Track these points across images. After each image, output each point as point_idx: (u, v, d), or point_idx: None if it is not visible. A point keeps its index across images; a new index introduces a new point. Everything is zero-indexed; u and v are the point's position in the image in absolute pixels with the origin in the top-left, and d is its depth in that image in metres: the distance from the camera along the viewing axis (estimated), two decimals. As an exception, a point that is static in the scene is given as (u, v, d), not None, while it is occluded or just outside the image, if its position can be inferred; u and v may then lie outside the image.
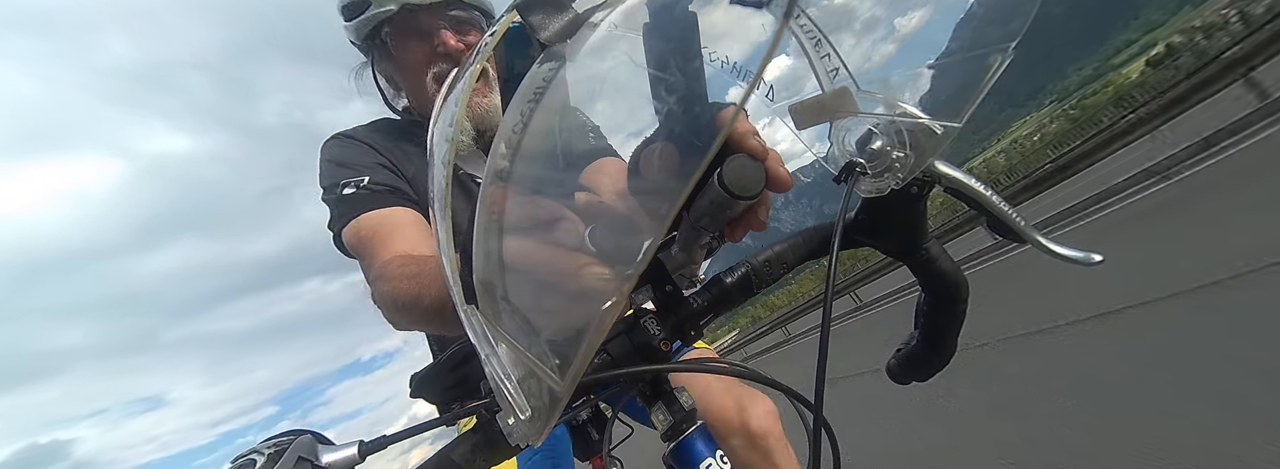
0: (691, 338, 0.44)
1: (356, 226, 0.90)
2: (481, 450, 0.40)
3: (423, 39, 1.00)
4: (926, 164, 0.41)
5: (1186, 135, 5.72)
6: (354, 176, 0.94)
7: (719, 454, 0.46)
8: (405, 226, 0.89)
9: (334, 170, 0.97)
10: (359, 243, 0.89)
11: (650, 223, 0.28)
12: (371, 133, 1.06)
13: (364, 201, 0.91)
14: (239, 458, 0.38)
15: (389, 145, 1.03)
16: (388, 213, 0.91)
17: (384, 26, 1.00)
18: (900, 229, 0.49)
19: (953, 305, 0.53)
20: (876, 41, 0.99)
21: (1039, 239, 0.45)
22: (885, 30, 0.44)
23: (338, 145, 1.03)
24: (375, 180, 0.94)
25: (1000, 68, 0.37)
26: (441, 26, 0.98)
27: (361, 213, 0.90)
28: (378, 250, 0.85)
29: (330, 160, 1.00)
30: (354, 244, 0.90)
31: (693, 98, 0.31)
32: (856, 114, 0.40)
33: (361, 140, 1.03)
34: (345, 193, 0.92)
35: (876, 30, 0.43)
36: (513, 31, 0.35)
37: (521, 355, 0.28)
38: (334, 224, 0.94)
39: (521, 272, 0.30)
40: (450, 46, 0.98)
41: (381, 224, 0.89)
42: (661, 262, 0.42)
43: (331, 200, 0.95)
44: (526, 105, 0.30)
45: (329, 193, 0.96)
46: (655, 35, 0.32)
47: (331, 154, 1.01)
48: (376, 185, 0.94)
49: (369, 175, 0.94)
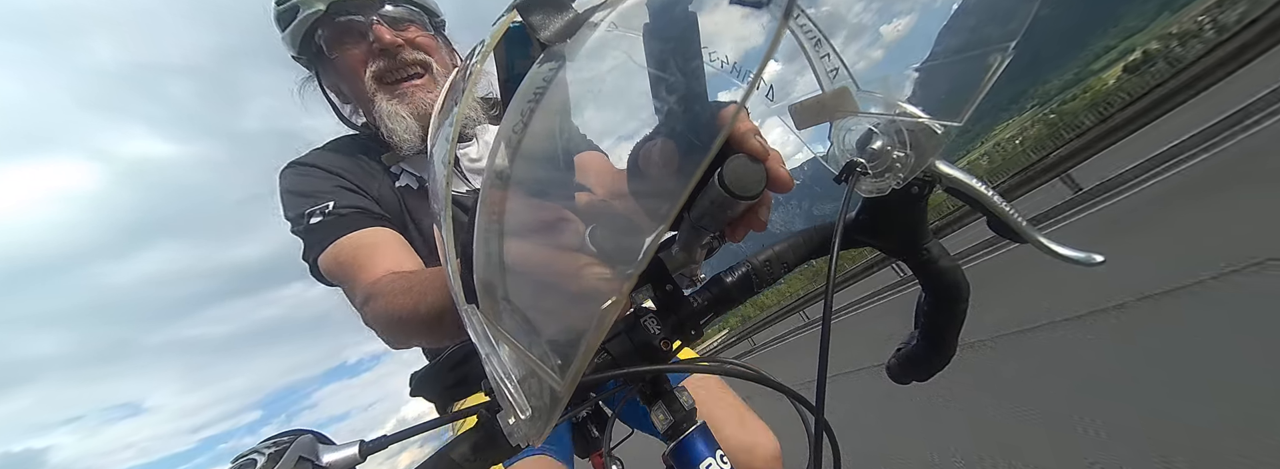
0: (692, 337, 0.45)
1: (334, 253, 0.87)
2: (482, 450, 0.39)
3: (357, 37, 0.98)
4: (927, 163, 0.41)
5: (1159, 142, 5.78)
6: (317, 204, 0.91)
7: (719, 454, 0.46)
8: (383, 245, 0.88)
9: (295, 201, 0.94)
10: (338, 268, 0.87)
11: (651, 222, 0.28)
12: (327, 155, 1.03)
13: (334, 227, 0.89)
14: (239, 458, 0.38)
15: (348, 166, 1.00)
16: (362, 235, 0.89)
17: (317, 29, 0.98)
18: (901, 229, 0.49)
19: (953, 305, 0.53)
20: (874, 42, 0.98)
21: (1039, 239, 0.45)
22: (877, 34, 0.44)
23: (294, 174, 1.00)
24: (341, 204, 0.92)
25: (1000, 67, 0.37)
26: (374, 21, 0.96)
27: (335, 239, 0.88)
28: (360, 273, 0.83)
29: (289, 191, 0.97)
30: (333, 271, 0.88)
31: (693, 97, 0.31)
32: (856, 114, 0.40)
33: (317, 166, 0.99)
34: (313, 222, 0.90)
35: (875, 31, 0.43)
36: (513, 31, 0.35)
37: (522, 355, 0.28)
38: (308, 254, 0.91)
39: (522, 271, 0.30)
40: (386, 41, 0.96)
41: (360, 246, 0.87)
42: (662, 261, 0.42)
43: (300, 231, 0.92)
44: (526, 105, 0.30)
45: (296, 224, 0.93)
46: (655, 35, 0.32)
47: (289, 184, 0.98)
48: (343, 209, 0.91)
49: (333, 200, 0.92)
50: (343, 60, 0.99)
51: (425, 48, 1.02)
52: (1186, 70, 5.77)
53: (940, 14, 9.89)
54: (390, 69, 0.98)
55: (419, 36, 1.02)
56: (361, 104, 1.03)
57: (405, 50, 0.99)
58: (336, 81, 1.06)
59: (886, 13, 0.87)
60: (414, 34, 1.01)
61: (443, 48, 1.08)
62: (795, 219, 20.43)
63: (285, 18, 0.99)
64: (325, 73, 1.06)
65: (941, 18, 11.89)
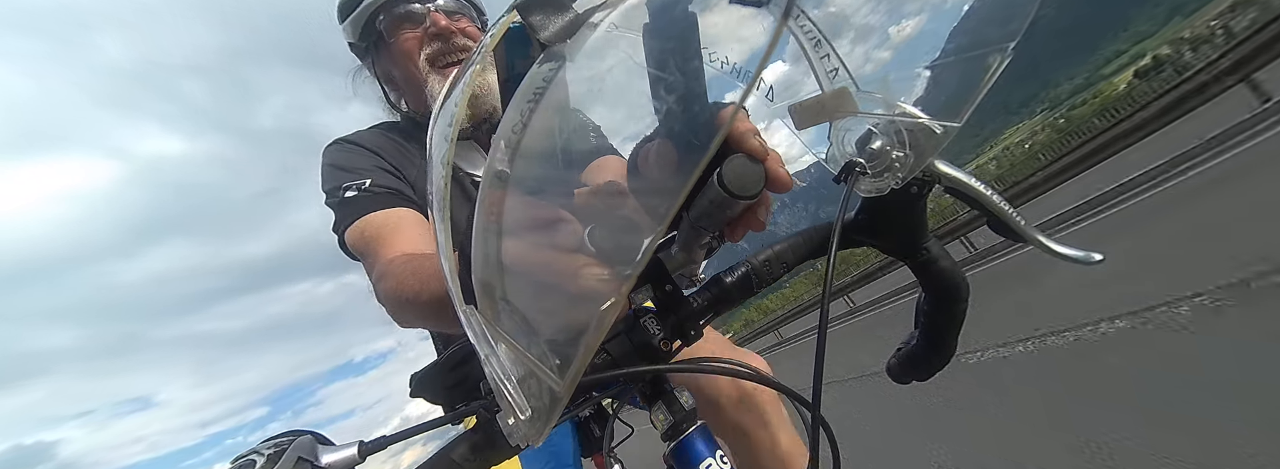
0: (692, 337, 0.45)
1: (360, 228, 0.91)
2: (481, 450, 0.39)
3: (414, 22, 1.05)
4: (926, 164, 0.41)
5: (1172, 146, 5.82)
6: (355, 180, 0.96)
7: (719, 454, 0.46)
8: (407, 227, 0.91)
9: (336, 174, 1.00)
10: (362, 244, 0.91)
11: (650, 222, 0.28)
12: (372, 137, 1.09)
13: (366, 204, 0.93)
14: (239, 458, 0.38)
15: (390, 149, 1.06)
16: (390, 214, 0.92)
17: (378, 15, 1.05)
18: (900, 229, 0.49)
19: (953, 305, 0.53)
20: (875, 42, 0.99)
21: (1040, 239, 0.45)
22: (881, 33, 0.43)
23: (339, 150, 1.06)
24: (377, 183, 0.96)
25: (1000, 68, 0.37)
26: (431, 9, 1.04)
27: (364, 215, 0.92)
28: (380, 250, 0.86)
29: (332, 165, 1.02)
30: (357, 245, 0.92)
31: (692, 97, 0.31)
32: (856, 114, 0.40)
33: (362, 145, 1.06)
34: (347, 196, 0.95)
35: (875, 31, 0.43)
36: (513, 31, 0.35)
37: (521, 356, 0.28)
38: (338, 226, 0.96)
39: (521, 272, 0.30)
40: (441, 27, 1.04)
41: (384, 225, 0.91)
42: (661, 261, 0.42)
43: (334, 204, 0.97)
44: (526, 105, 0.30)
45: (331, 197, 0.98)
46: (655, 35, 0.32)
47: (333, 158, 1.04)
48: (378, 188, 0.96)
49: (370, 178, 0.96)
50: (399, 44, 1.06)
51: (475, 38, 1.09)
52: (1197, 75, 5.82)
53: (951, 15, 9.98)
54: (444, 52, 1.05)
55: (469, 27, 1.09)
56: (413, 87, 1.09)
57: (457, 37, 1.06)
58: (390, 68, 1.12)
59: (895, 14, 0.88)
60: (464, 24, 1.09)
61: None
62: (801, 221, 20.56)
63: (348, 6, 1.08)
64: (380, 60, 1.13)
65: (952, 18, 11.95)
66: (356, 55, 1.16)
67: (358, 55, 1.16)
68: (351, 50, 1.16)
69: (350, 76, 1.21)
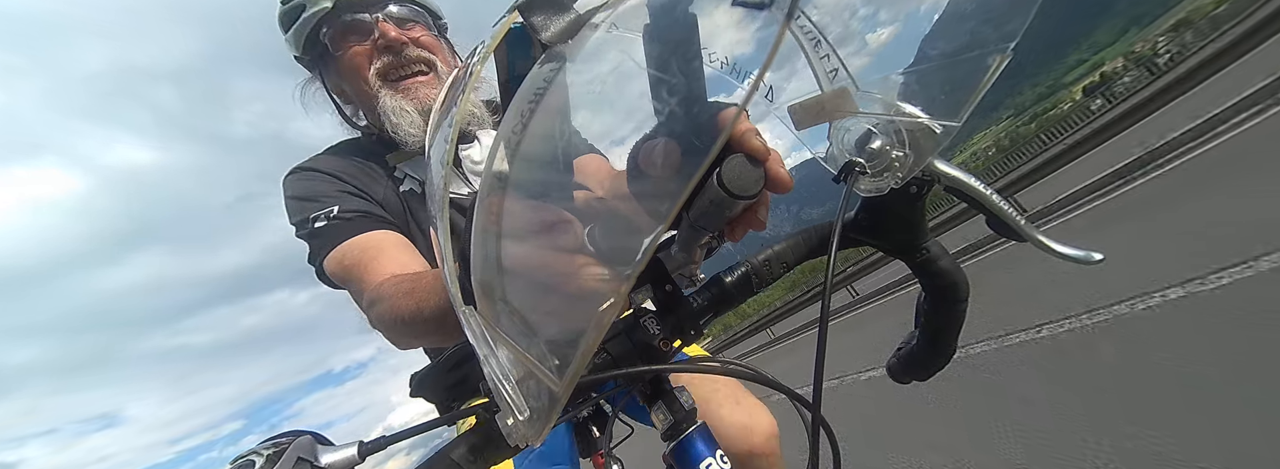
0: (691, 337, 0.45)
1: (338, 257, 0.88)
2: (481, 450, 0.40)
3: (361, 34, 0.98)
4: (925, 163, 0.41)
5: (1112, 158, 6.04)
6: (322, 208, 0.92)
7: (719, 454, 0.46)
8: (387, 248, 0.88)
9: (300, 206, 0.95)
10: (343, 272, 0.88)
11: (650, 222, 0.28)
12: (331, 161, 1.04)
13: (339, 231, 0.90)
14: (238, 459, 0.38)
15: (351, 170, 1.01)
16: (366, 238, 0.90)
17: (322, 27, 0.98)
18: (900, 228, 0.49)
19: (953, 305, 0.53)
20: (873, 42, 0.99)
21: (1039, 237, 0.45)
22: (878, 32, 0.44)
23: (298, 180, 1.01)
24: (345, 208, 0.92)
25: (999, 68, 0.37)
26: (379, 19, 0.97)
27: (339, 242, 0.89)
28: (365, 276, 0.84)
29: (294, 197, 0.98)
30: (338, 274, 0.89)
31: (693, 98, 0.31)
32: (856, 114, 0.40)
33: (321, 170, 1.00)
34: (318, 226, 0.91)
35: (874, 31, 0.43)
36: (514, 32, 0.35)
37: (520, 356, 0.28)
38: (314, 258, 0.92)
39: (520, 273, 0.30)
40: (391, 37, 0.97)
41: (364, 250, 0.88)
42: (661, 261, 0.42)
43: (305, 235, 0.93)
44: (527, 106, 0.30)
45: (301, 229, 0.94)
46: (656, 36, 0.32)
47: (294, 190, 0.99)
48: (348, 213, 0.92)
49: (337, 204, 0.93)
50: (347, 58, 1.00)
51: (429, 47, 1.03)
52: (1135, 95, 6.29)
53: (929, 13, 10.01)
54: (395, 66, 0.99)
55: (423, 36, 1.03)
56: (365, 102, 1.04)
57: (409, 48, 1.00)
58: (339, 81, 1.06)
59: (871, 21, 0.86)
60: (418, 33, 1.02)
61: (445, 49, 1.09)
62: (785, 223, 20.26)
63: (289, 17, 0.99)
64: (328, 73, 1.06)
65: (952, 18, 11.99)
66: (304, 67, 1.09)
67: (305, 67, 1.09)
68: (298, 62, 1.08)
69: (297, 90, 1.12)
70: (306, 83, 1.11)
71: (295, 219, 0.95)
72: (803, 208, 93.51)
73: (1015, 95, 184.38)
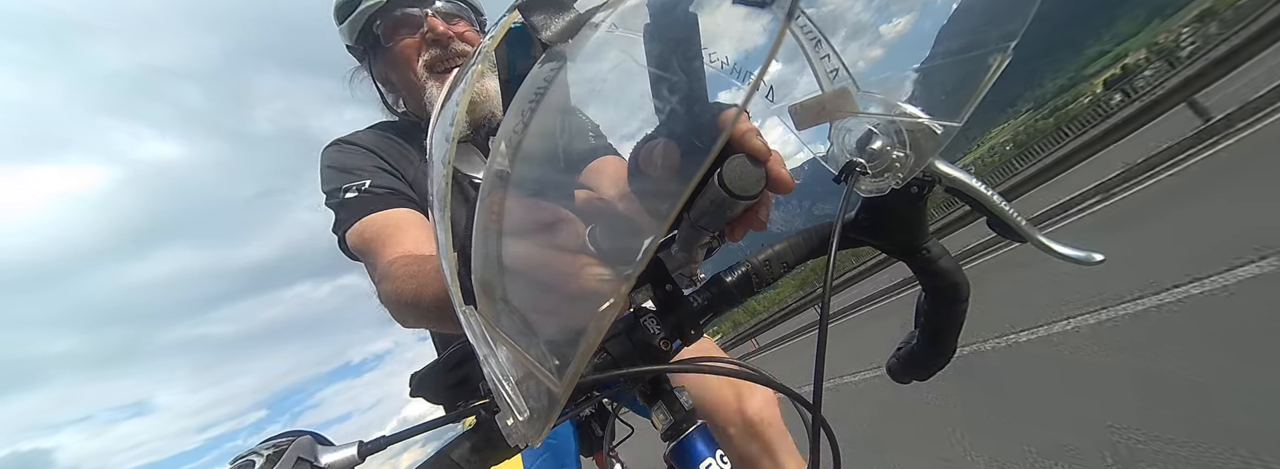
0: (691, 337, 0.45)
1: (360, 229, 0.91)
2: (481, 450, 0.39)
3: (412, 27, 1.04)
4: (926, 164, 0.41)
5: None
6: (355, 181, 0.96)
7: (719, 454, 0.46)
8: (408, 227, 0.90)
9: (335, 175, 0.99)
10: (363, 245, 0.91)
11: (650, 222, 0.28)
12: (371, 137, 1.08)
13: (366, 205, 0.93)
14: (238, 459, 0.38)
15: (388, 149, 1.05)
16: (390, 215, 0.92)
17: (376, 19, 1.04)
18: (900, 229, 0.49)
19: (953, 305, 0.53)
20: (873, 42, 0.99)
21: (1040, 238, 0.45)
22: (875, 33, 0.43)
23: (338, 151, 1.05)
24: (376, 184, 0.96)
25: (1000, 68, 0.37)
26: (428, 14, 1.03)
27: (364, 216, 0.92)
28: (381, 251, 0.86)
29: (331, 166, 1.02)
30: (358, 247, 0.92)
31: (694, 98, 0.31)
32: (856, 114, 0.40)
33: (361, 145, 1.05)
34: (347, 197, 0.94)
35: (874, 31, 0.43)
36: (514, 31, 0.35)
37: (520, 356, 0.28)
38: (338, 228, 0.95)
39: (520, 272, 0.30)
40: (439, 32, 1.02)
41: (384, 225, 0.90)
42: (661, 261, 0.42)
43: (334, 205, 0.97)
44: (527, 106, 0.30)
45: (331, 198, 0.97)
46: (656, 35, 0.32)
47: (332, 160, 1.03)
48: (378, 188, 0.95)
49: (370, 179, 0.96)
50: (398, 50, 1.05)
51: (472, 42, 1.08)
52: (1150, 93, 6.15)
53: (940, 13, 9.90)
54: (441, 59, 1.04)
55: (467, 31, 1.08)
56: (411, 92, 1.09)
57: (455, 42, 1.05)
58: (387, 71, 1.12)
59: (885, 12, 0.88)
60: (463, 28, 1.07)
61: None
62: (796, 218, 20.21)
63: (345, 9, 1.06)
64: (377, 63, 1.12)
65: (941, 17, 11.82)
66: (354, 57, 1.16)
67: (355, 57, 1.15)
68: (349, 52, 1.15)
69: (347, 77, 1.20)
70: (355, 72, 1.18)
71: (327, 187, 0.99)
72: (815, 203, 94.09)
73: (1035, 88, 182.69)
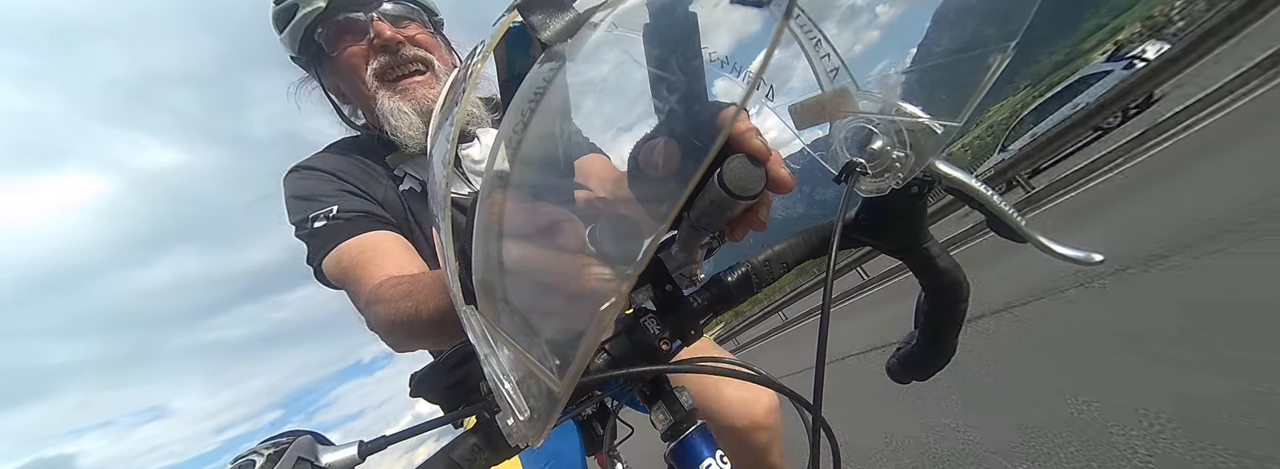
0: (691, 337, 0.45)
1: (336, 257, 0.87)
2: (482, 450, 0.39)
3: (357, 34, 0.97)
4: (926, 164, 0.41)
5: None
6: (322, 208, 0.91)
7: (719, 454, 0.46)
8: (386, 249, 0.88)
9: (300, 205, 0.94)
10: (341, 273, 0.87)
11: (650, 222, 0.28)
12: (331, 160, 1.02)
13: (338, 231, 0.89)
14: (238, 459, 0.38)
15: (351, 170, 1.00)
16: (365, 239, 0.89)
17: (317, 27, 0.97)
18: (900, 228, 0.49)
19: (953, 305, 0.53)
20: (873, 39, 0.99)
21: (1038, 238, 0.45)
22: (880, 30, 0.44)
23: (299, 178, 1.00)
24: (345, 208, 0.91)
25: (1000, 67, 0.37)
26: (374, 18, 0.96)
27: (338, 243, 0.88)
28: (363, 277, 0.83)
29: (294, 196, 0.96)
30: (336, 275, 0.88)
31: (693, 97, 0.31)
32: (856, 114, 0.40)
33: (321, 169, 0.99)
34: (316, 226, 0.90)
35: (874, 29, 0.43)
36: (513, 31, 0.35)
37: (521, 356, 0.28)
38: (312, 258, 0.91)
39: (521, 272, 0.30)
40: (386, 37, 0.95)
41: (362, 250, 0.87)
42: (661, 261, 0.42)
43: (304, 235, 0.92)
44: (527, 106, 0.30)
45: (300, 228, 0.93)
46: (656, 35, 0.32)
47: (294, 189, 0.98)
48: (347, 213, 0.91)
49: (336, 204, 0.91)
50: (343, 58, 0.99)
51: (426, 45, 1.02)
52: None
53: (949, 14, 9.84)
54: (391, 66, 0.98)
55: (419, 34, 1.02)
56: (363, 103, 1.03)
57: (406, 47, 0.98)
58: (336, 81, 1.05)
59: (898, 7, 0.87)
60: (414, 31, 1.01)
61: (442, 46, 1.08)
62: (797, 205, 20.17)
63: (283, 17, 0.99)
64: (325, 73, 1.05)
65: (951, 17, 11.77)
66: (300, 67, 1.08)
67: (301, 67, 1.08)
68: (294, 63, 1.07)
69: (292, 89, 1.11)
70: (301, 82, 1.10)
71: (294, 218, 0.94)
72: (815, 188, 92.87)
73: (1031, 64, 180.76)
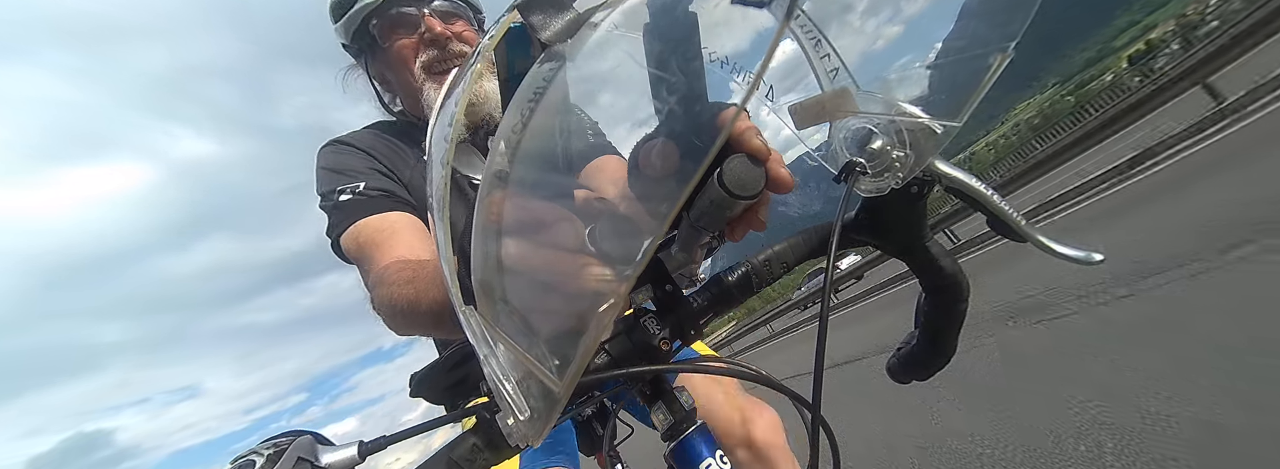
0: (691, 337, 0.44)
1: (354, 233, 0.90)
2: (481, 450, 0.39)
3: (409, 27, 1.02)
4: (926, 163, 0.41)
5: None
6: (350, 183, 0.94)
7: (719, 454, 0.46)
8: (402, 231, 0.89)
9: (330, 177, 0.98)
10: (357, 249, 0.89)
11: (650, 223, 0.28)
12: (367, 138, 1.06)
13: (360, 207, 0.92)
14: (238, 458, 0.38)
15: (384, 150, 1.03)
16: (384, 218, 0.91)
17: (371, 18, 1.02)
18: (900, 228, 0.49)
19: (953, 305, 0.53)
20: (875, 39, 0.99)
21: (1039, 238, 0.45)
22: (883, 29, 0.44)
23: (333, 152, 1.04)
24: (371, 186, 0.94)
25: (1000, 67, 0.37)
26: (425, 13, 1.01)
27: (358, 219, 0.90)
28: (375, 256, 0.85)
29: (326, 167, 1.00)
30: (352, 250, 0.91)
31: (693, 97, 0.31)
32: (856, 114, 0.40)
33: (356, 146, 1.03)
34: (341, 199, 0.93)
35: (875, 29, 0.43)
36: (513, 31, 0.35)
37: (520, 356, 0.28)
38: (332, 231, 0.94)
39: (520, 272, 0.30)
40: (436, 32, 1.01)
41: (379, 229, 0.89)
42: (661, 261, 0.42)
43: (329, 207, 0.95)
44: (527, 105, 0.30)
45: (326, 200, 0.96)
46: (656, 35, 0.32)
47: (327, 161, 1.01)
48: (372, 191, 0.94)
49: (364, 181, 0.95)
50: (394, 50, 1.03)
51: (471, 42, 1.06)
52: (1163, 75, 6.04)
53: (949, 14, 9.69)
54: (439, 59, 1.03)
55: (465, 31, 1.06)
56: (408, 93, 1.08)
57: (453, 42, 1.03)
58: (384, 71, 1.10)
59: (895, 12, 0.87)
60: (461, 28, 1.06)
61: None
62: (814, 201, 20.13)
63: (341, 7, 1.04)
64: (373, 62, 1.11)
65: (950, 17, 11.61)
66: (350, 55, 1.14)
67: (351, 55, 1.14)
68: (344, 50, 1.14)
69: (340, 74, 1.18)
70: (349, 69, 1.16)
71: (322, 189, 0.97)
72: (831, 186, 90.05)
73: (1060, 60, 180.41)
